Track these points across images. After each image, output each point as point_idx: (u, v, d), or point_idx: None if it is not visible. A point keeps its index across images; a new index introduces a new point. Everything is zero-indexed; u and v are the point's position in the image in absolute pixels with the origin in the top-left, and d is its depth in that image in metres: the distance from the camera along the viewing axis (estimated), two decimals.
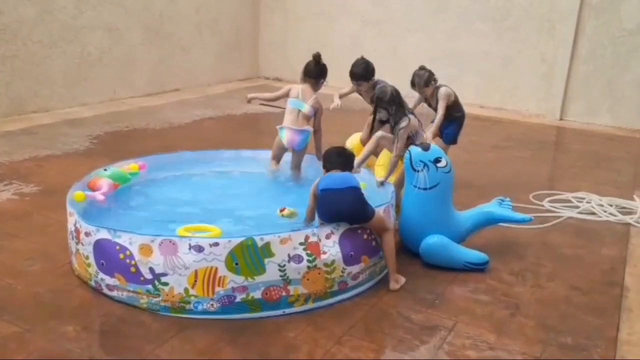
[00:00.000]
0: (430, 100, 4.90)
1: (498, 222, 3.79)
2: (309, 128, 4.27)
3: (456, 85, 8.81)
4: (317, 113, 4.27)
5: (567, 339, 2.86)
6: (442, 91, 4.81)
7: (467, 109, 5.07)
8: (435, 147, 3.58)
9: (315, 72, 4.30)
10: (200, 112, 7.53)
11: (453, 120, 4.91)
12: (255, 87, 9.51)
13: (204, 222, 3.28)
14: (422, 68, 4.82)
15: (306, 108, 4.23)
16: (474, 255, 3.51)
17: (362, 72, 4.52)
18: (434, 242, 3.45)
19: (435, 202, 3.49)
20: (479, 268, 3.48)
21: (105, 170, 3.89)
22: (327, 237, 3.02)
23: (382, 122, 3.94)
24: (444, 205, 3.54)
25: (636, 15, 7.51)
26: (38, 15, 6.76)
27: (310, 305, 2.99)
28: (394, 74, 5.05)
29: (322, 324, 2.89)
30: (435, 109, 4.88)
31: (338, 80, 4.83)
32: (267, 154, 4.44)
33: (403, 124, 3.80)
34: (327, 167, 3.32)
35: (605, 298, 3.30)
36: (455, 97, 4.92)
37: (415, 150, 3.50)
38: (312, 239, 2.95)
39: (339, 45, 9.19)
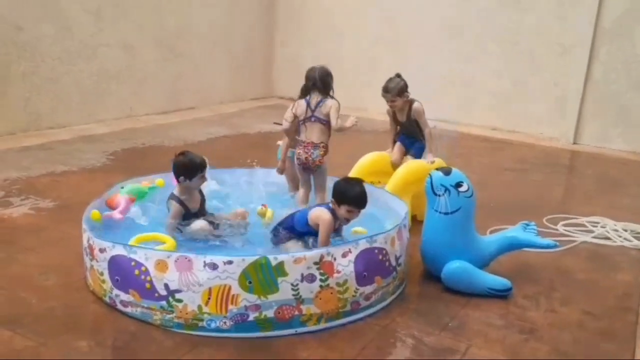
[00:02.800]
0: (398, 114, 4.68)
1: (522, 247, 3.74)
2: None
3: (468, 106, 8.92)
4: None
5: None
6: (417, 107, 4.56)
7: (479, 131, 5.08)
8: (457, 171, 3.52)
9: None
10: (214, 130, 7.60)
11: (424, 136, 4.66)
12: (268, 106, 9.60)
13: None
14: (398, 75, 4.58)
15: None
16: (496, 281, 3.47)
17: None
18: (455, 267, 3.42)
19: (457, 226, 3.45)
20: (501, 294, 3.45)
21: (122, 187, 3.92)
22: (344, 255, 3.02)
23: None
24: (466, 230, 3.50)
25: None
26: (57, 32, 6.89)
27: (322, 325, 2.99)
28: None
29: (334, 344, 2.89)
30: (401, 124, 4.68)
31: (351, 99, 4.87)
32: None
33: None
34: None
35: (619, 324, 3.26)
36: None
37: (436, 174, 3.47)
38: (327, 258, 2.95)
39: (352, 64, 9.28)
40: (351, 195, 3.33)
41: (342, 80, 4.44)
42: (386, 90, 4.54)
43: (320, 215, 3.33)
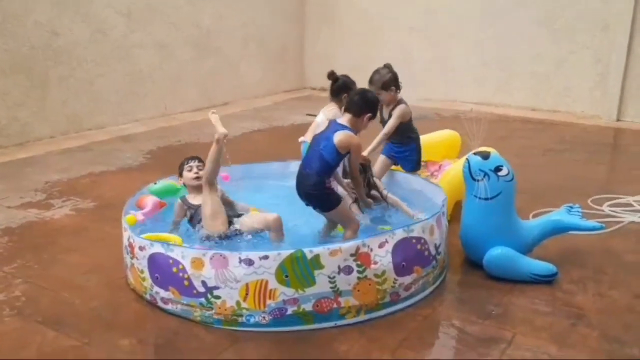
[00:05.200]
0: (384, 110, 4.19)
1: (567, 230, 3.61)
2: (304, 139, 4.26)
3: (508, 88, 8.69)
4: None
5: (633, 350, 2.73)
6: (399, 109, 4.08)
7: (518, 112, 4.92)
8: (496, 155, 3.42)
9: (331, 90, 4.26)
10: (248, 124, 7.62)
11: (410, 142, 4.23)
12: (301, 97, 9.58)
13: None
14: (386, 66, 4.16)
15: (319, 117, 4.22)
16: (541, 266, 3.37)
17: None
18: (498, 253, 3.33)
19: (498, 212, 3.36)
20: (546, 280, 3.34)
21: (155, 184, 3.96)
22: (380, 246, 2.97)
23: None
24: (507, 215, 3.40)
25: None
26: (91, 35, 7.00)
27: (362, 317, 2.95)
28: (443, 83, 4.91)
29: (374, 335, 2.85)
30: (383, 123, 4.18)
31: None
32: None
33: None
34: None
35: None
36: (411, 117, 4.21)
37: (474, 159, 3.37)
38: (363, 249, 2.91)
39: (386, 55, 9.10)
40: (373, 103, 3.43)
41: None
42: (370, 81, 4.09)
43: (350, 141, 3.27)
